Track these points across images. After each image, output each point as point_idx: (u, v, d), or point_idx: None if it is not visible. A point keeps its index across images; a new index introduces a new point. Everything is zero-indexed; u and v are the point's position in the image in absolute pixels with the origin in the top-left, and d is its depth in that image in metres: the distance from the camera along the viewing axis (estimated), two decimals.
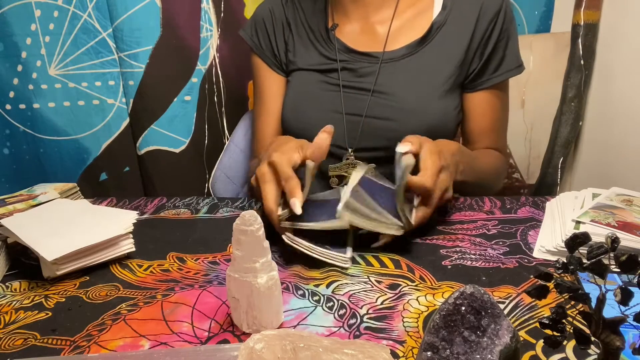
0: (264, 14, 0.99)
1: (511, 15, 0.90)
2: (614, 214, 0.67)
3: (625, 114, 1.19)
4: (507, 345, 0.39)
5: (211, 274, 0.66)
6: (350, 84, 0.90)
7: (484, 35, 0.88)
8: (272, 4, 0.99)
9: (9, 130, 1.21)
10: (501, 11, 0.88)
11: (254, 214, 0.50)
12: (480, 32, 0.88)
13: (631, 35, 1.17)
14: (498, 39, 0.88)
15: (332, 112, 0.90)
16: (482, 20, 0.88)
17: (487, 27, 0.88)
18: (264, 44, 0.99)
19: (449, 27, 0.89)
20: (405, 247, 0.69)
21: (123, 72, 1.18)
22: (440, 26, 0.89)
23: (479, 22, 0.88)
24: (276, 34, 0.98)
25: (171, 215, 0.85)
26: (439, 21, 0.89)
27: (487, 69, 0.89)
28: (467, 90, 0.92)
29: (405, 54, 0.89)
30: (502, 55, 0.89)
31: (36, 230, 0.69)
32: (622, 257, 0.34)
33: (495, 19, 0.88)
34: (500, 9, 0.88)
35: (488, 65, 0.89)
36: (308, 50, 0.95)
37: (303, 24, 0.96)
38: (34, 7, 1.12)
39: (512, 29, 0.90)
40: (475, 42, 0.88)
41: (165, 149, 1.25)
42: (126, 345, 0.52)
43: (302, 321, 0.55)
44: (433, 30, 0.89)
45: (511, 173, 1.43)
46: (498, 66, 0.90)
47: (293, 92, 0.96)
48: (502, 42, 0.89)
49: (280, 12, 0.98)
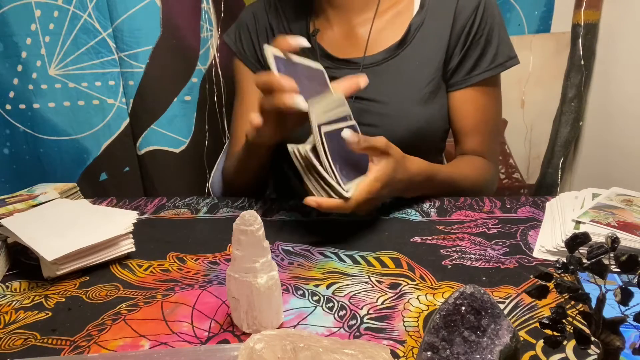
0: (247, 19, 0.99)
1: (492, 11, 0.87)
2: (614, 214, 0.67)
3: (625, 114, 1.19)
4: (507, 345, 0.39)
5: (211, 274, 0.66)
6: None
7: (461, 32, 0.86)
8: (256, 9, 0.98)
9: (9, 130, 1.21)
10: (479, 7, 0.85)
11: (254, 214, 0.50)
12: (457, 30, 0.86)
13: (631, 35, 1.17)
14: (475, 37, 0.86)
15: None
16: (459, 18, 0.86)
17: (464, 24, 0.85)
18: (247, 49, 0.98)
19: (427, 27, 0.87)
20: (405, 247, 0.69)
21: (123, 72, 1.18)
22: (418, 27, 0.87)
23: (456, 20, 0.86)
24: (259, 39, 0.97)
25: (171, 215, 0.85)
26: (416, 22, 0.87)
27: (463, 67, 0.87)
28: (448, 89, 0.90)
29: (386, 58, 0.88)
30: (480, 53, 0.87)
31: (36, 230, 0.69)
32: (622, 257, 0.34)
33: (472, 15, 0.85)
34: (478, 5, 0.85)
35: (465, 64, 0.87)
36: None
37: (285, 29, 0.95)
38: (34, 7, 1.12)
39: (494, 25, 0.87)
40: (454, 40, 0.86)
41: (165, 149, 1.25)
42: (126, 345, 0.52)
43: (302, 321, 0.55)
44: (411, 32, 0.87)
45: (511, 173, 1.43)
46: (475, 65, 0.87)
47: None
48: (481, 40, 0.86)
49: (264, 18, 0.97)
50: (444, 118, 0.91)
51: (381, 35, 0.89)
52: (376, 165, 0.69)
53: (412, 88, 0.86)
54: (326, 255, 0.69)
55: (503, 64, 0.88)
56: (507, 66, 0.89)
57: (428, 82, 0.87)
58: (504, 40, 0.89)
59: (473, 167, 0.91)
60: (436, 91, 0.88)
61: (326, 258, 0.68)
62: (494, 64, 0.87)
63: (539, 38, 1.37)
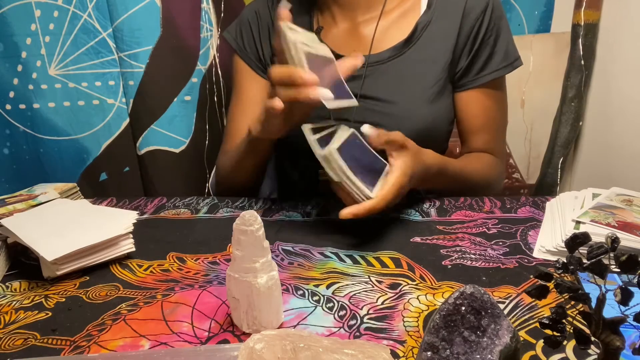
0: (249, 15, 0.98)
1: (499, 12, 0.87)
2: (614, 214, 0.67)
3: (625, 114, 1.19)
4: (507, 345, 0.39)
5: (211, 274, 0.66)
6: None
7: (470, 33, 0.86)
8: (259, 6, 0.98)
9: (9, 130, 1.21)
10: (488, 8, 0.85)
11: (254, 214, 0.50)
12: (466, 30, 0.86)
13: (631, 35, 1.17)
14: (484, 37, 0.86)
15: (319, 118, 0.89)
16: (468, 18, 0.85)
17: (473, 25, 0.85)
18: (248, 46, 0.97)
19: (434, 26, 0.87)
20: (405, 247, 0.69)
21: (123, 72, 1.18)
22: (425, 26, 0.87)
23: (465, 20, 0.86)
24: (262, 37, 0.96)
25: (171, 215, 0.85)
26: (423, 21, 0.87)
27: (473, 67, 0.87)
28: (456, 89, 0.90)
29: (391, 56, 0.87)
30: (490, 53, 0.87)
31: (36, 230, 0.69)
32: (622, 257, 0.34)
33: (481, 16, 0.85)
34: (487, 6, 0.86)
35: (474, 64, 0.87)
36: None
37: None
38: (34, 7, 1.12)
39: (501, 26, 0.87)
40: (462, 41, 0.86)
41: (165, 149, 1.25)
42: (126, 345, 0.52)
43: (302, 321, 0.55)
44: (418, 31, 0.87)
45: (511, 173, 1.43)
46: (485, 65, 0.87)
47: None
48: (490, 40, 0.86)
49: (266, 15, 0.96)
50: (449, 118, 0.91)
51: (387, 34, 0.89)
52: (398, 160, 0.69)
53: (418, 88, 0.86)
54: (326, 255, 0.69)
55: (511, 64, 0.89)
56: (515, 66, 0.89)
57: (434, 82, 0.86)
58: (511, 41, 0.89)
59: (483, 162, 0.91)
60: (442, 91, 0.88)
61: (326, 258, 0.68)
62: (503, 64, 0.88)
63: (539, 38, 1.37)
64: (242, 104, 0.98)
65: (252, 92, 0.98)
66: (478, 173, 0.89)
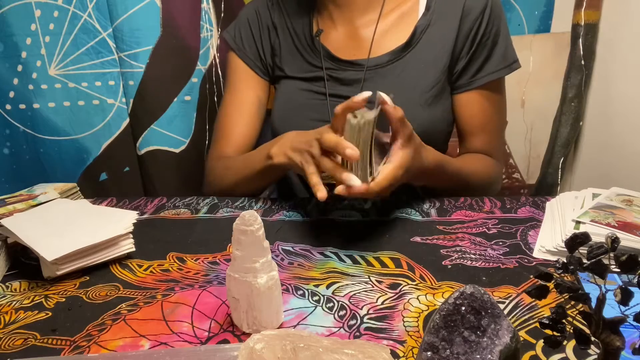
0: (249, 15, 0.97)
1: (498, 13, 0.87)
2: (614, 214, 0.67)
3: (625, 114, 1.19)
4: (507, 345, 0.39)
5: (211, 274, 0.66)
6: (336, 92, 0.89)
7: (468, 34, 0.85)
8: (258, 6, 0.97)
9: (9, 130, 1.21)
10: (487, 9, 0.85)
11: (254, 214, 0.50)
12: (464, 31, 0.85)
13: (631, 35, 1.17)
14: (482, 39, 0.86)
15: (319, 121, 0.87)
16: (467, 19, 0.85)
17: (471, 26, 0.85)
18: (247, 45, 0.97)
19: (433, 29, 0.87)
20: (405, 247, 0.69)
21: (123, 72, 1.18)
22: (424, 29, 0.87)
23: (463, 22, 0.85)
24: (262, 37, 0.96)
25: (171, 215, 0.85)
26: (422, 24, 0.87)
27: (471, 69, 0.87)
28: (454, 91, 0.90)
29: (391, 60, 0.87)
30: (487, 55, 0.87)
31: (36, 230, 0.69)
32: (622, 257, 0.34)
33: (480, 17, 0.85)
34: (486, 6, 0.85)
35: (472, 66, 0.87)
36: (294, 57, 0.93)
37: (288, 28, 0.95)
38: (34, 7, 1.12)
39: (500, 28, 0.87)
40: (460, 42, 0.86)
41: (165, 149, 1.25)
42: (126, 345, 0.52)
43: (302, 321, 0.55)
44: (417, 34, 0.87)
45: (511, 173, 1.43)
46: (482, 67, 0.87)
47: (280, 102, 0.94)
48: (488, 42, 0.86)
49: (266, 15, 0.96)
50: (448, 120, 0.91)
51: (386, 37, 0.89)
52: (401, 151, 0.68)
53: (417, 91, 0.86)
54: (326, 255, 0.69)
55: (509, 66, 0.88)
56: (513, 69, 0.89)
57: (433, 85, 0.86)
58: (509, 43, 0.89)
59: (481, 163, 0.91)
60: (440, 94, 0.88)
61: (326, 258, 0.68)
62: (500, 66, 0.88)
63: (539, 38, 1.36)
64: (238, 104, 0.97)
65: (249, 92, 0.97)
66: (475, 173, 0.89)
